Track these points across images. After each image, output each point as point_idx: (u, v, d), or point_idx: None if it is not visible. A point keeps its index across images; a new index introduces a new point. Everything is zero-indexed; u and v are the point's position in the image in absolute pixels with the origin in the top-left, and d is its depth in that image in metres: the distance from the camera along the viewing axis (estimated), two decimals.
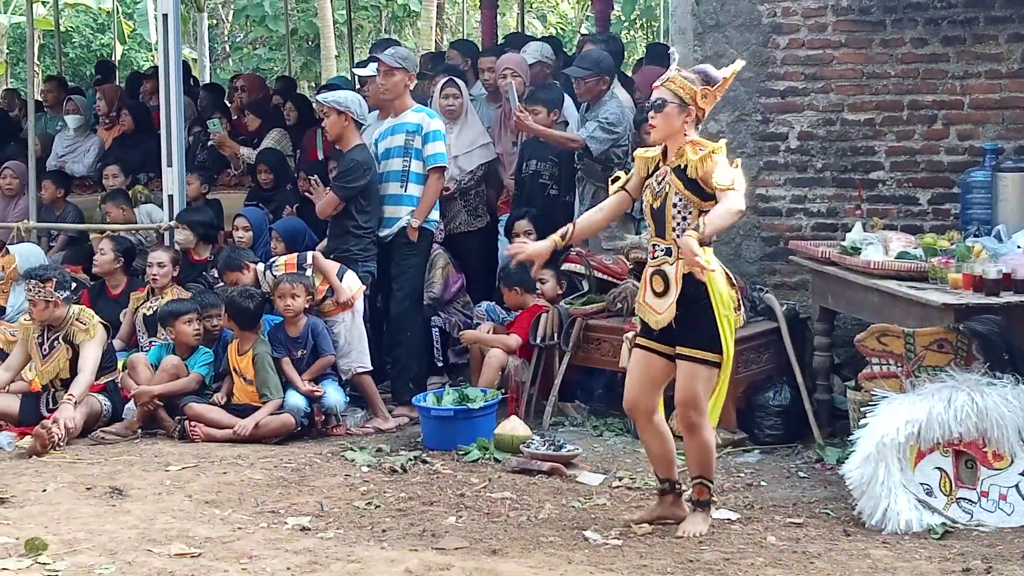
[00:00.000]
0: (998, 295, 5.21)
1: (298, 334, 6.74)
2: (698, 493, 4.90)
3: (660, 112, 4.78)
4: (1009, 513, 4.94)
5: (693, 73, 4.84)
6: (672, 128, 4.79)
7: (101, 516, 5.02)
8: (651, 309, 4.82)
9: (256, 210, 8.08)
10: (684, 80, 4.78)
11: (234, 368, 6.71)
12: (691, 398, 4.74)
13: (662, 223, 4.78)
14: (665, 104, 4.77)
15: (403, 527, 4.95)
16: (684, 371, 4.76)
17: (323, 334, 6.76)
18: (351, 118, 7.01)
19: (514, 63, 7.78)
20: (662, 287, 4.77)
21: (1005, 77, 6.63)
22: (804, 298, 6.72)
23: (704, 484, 4.87)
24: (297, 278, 6.77)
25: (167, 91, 7.83)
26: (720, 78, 4.81)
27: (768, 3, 6.92)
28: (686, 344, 4.74)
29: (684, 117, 4.77)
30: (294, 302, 6.70)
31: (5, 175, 9.49)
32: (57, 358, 6.61)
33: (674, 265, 4.73)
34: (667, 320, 4.75)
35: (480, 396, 6.46)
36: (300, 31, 23.13)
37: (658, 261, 4.80)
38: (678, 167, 4.74)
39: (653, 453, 5.00)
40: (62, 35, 18.18)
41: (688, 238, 4.49)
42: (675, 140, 4.80)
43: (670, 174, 4.76)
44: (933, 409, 4.95)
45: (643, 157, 4.94)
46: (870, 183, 6.80)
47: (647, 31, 24.09)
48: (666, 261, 4.77)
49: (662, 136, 4.83)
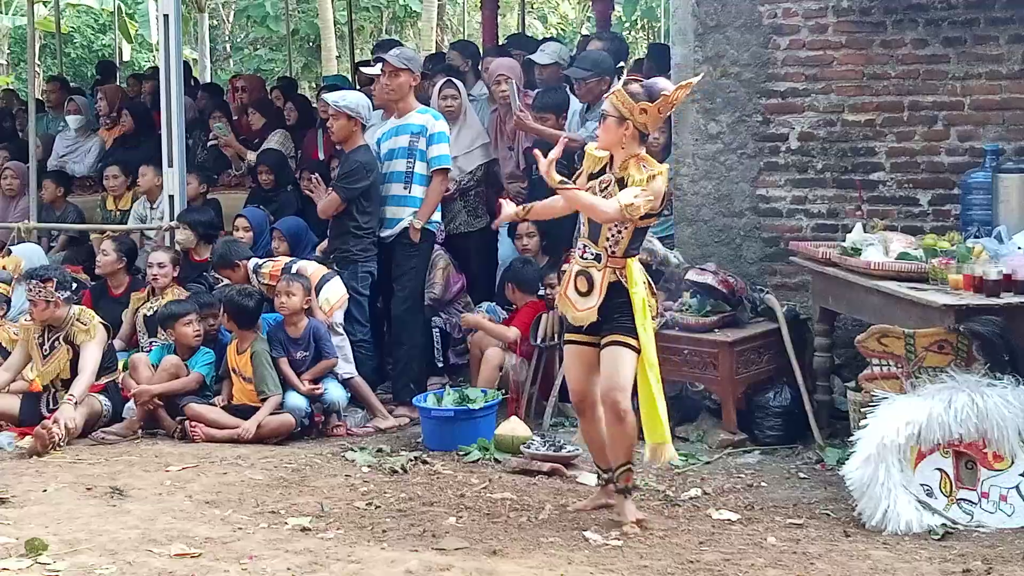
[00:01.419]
0: (998, 296, 5.20)
1: (299, 335, 6.74)
2: (626, 480, 4.98)
3: (603, 123, 4.94)
4: (1009, 514, 4.94)
5: (641, 87, 4.92)
6: (612, 140, 4.92)
7: (101, 516, 5.02)
8: (571, 305, 4.97)
9: (256, 210, 8.08)
10: (625, 95, 4.87)
11: (233, 368, 6.71)
12: (619, 382, 4.85)
13: (597, 229, 4.91)
14: (606, 117, 4.92)
15: (403, 527, 4.95)
16: (608, 355, 4.89)
17: (325, 337, 6.76)
18: (360, 123, 7.04)
19: (506, 67, 7.79)
20: (586, 288, 4.92)
21: (1005, 78, 6.63)
22: (804, 299, 6.72)
23: (631, 469, 4.98)
24: (295, 277, 6.78)
25: (168, 91, 7.83)
26: (662, 93, 4.85)
27: (769, 4, 6.92)
28: (610, 332, 4.88)
29: (622, 131, 4.88)
30: (289, 300, 6.70)
31: (6, 175, 9.50)
32: (58, 358, 6.62)
33: (601, 272, 4.89)
34: (586, 320, 4.92)
35: (480, 397, 6.47)
36: (301, 32, 23.14)
37: (586, 263, 4.95)
38: (621, 179, 4.87)
39: (597, 444, 5.11)
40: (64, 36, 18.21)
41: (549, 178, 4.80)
42: (618, 152, 4.92)
43: (614, 185, 4.89)
44: (933, 410, 4.96)
45: (592, 156, 5.04)
46: (870, 184, 6.80)
47: (648, 32, 24.09)
48: (594, 266, 4.92)
49: (605, 146, 4.99)
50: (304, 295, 6.75)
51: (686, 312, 6.34)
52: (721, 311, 6.32)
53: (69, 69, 21.45)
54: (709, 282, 6.34)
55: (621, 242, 4.87)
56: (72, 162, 10.06)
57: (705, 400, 6.53)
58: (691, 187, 7.06)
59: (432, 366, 7.40)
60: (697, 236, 7.05)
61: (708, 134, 7.03)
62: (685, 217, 7.08)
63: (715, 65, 6.99)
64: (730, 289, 6.35)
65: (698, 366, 6.23)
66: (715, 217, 7.04)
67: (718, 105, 7.01)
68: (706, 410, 6.48)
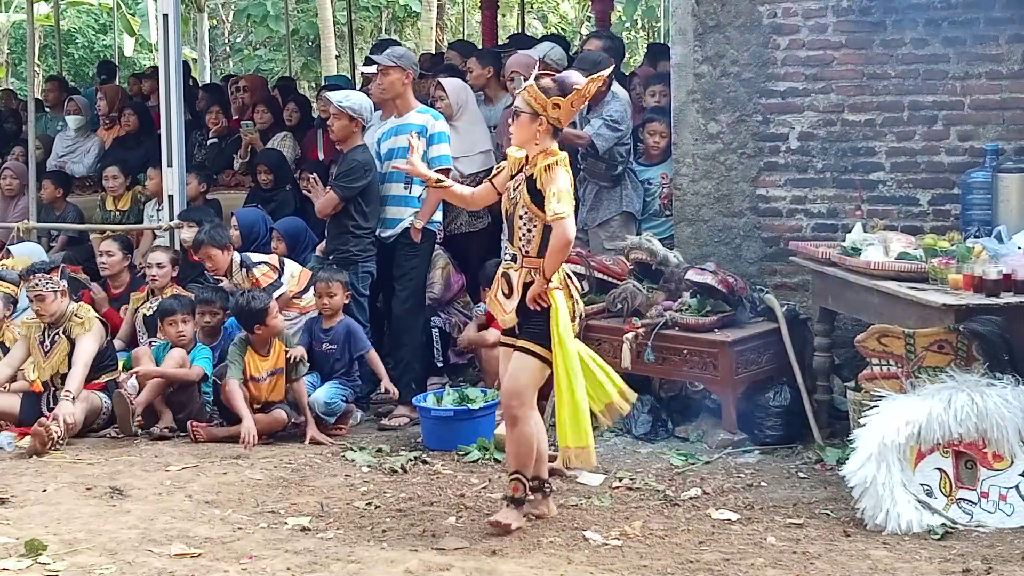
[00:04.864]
0: (998, 296, 5.20)
1: (331, 327, 6.78)
2: (513, 489, 4.92)
3: (516, 120, 4.92)
4: (1009, 514, 4.93)
5: (553, 82, 4.91)
6: (525, 136, 4.91)
7: (101, 516, 5.02)
8: (500, 307, 5.00)
9: (250, 211, 8.06)
10: (537, 91, 4.86)
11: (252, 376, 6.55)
12: (517, 388, 4.85)
13: (511, 229, 4.97)
14: (519, 113, 4.90)
15: (403, 527, 4.95)
16: (514, 361, 4.91)
17: (357, 332, 6.80)
18: (361, 123, 7.04)
19: (517, 64, 7.78)
20: (507, 290, 4.95)
21: (1005, 78, 6.62)
22: (804, 299, 6.72)
23: (520, 480, 4.91)
24: (334, 274, 6.80)
25: (167, 91, 7.84)
26: (574, 87, 4.85)
27: (769, 3, 6.91)
28: (521, 336, 4.91)
29: (536, 127, 4.87)
30: (331, 300, 6.77)
31: (5, 175, 9.50)
32: (57, 353, 6.62)
33: (518, 272, 4.91)
34: (513, 321, 4.94)
35: (480, 396, 6.46)
36: (301, 32, 23.14)
37: (506, 265, 5.00)
38: (530, 176, 4.87)
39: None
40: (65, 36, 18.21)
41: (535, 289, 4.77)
42: (530, 148, 4.92)
43: (523, 183, 4.90)
44: (933, 410, 4.95)
45: (513, 157, 5.05)
46: (870, 184, 6.80)
47: (648, 32, 24.10)
48: (512, 267, 4.95)
49: (518, 143, 4.97)
50: (344, 293, 6.79)
51: (686, 312, 6.34)
52: (721, 311, 6.31)
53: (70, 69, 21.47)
54: (709, 282, 6.33)
55: (533, 240, 4.86)
56: (71, 162, 10.06)
57: (705, 400, 6.53)
58: (691, 187, 7.06)
59: (432, 366, 7.40)
60: (697, 236, 7.05)
61: (708, 134, 7.03)
62: (685, 217, 7.08)
63: (715, 65, 6.99)
64: (730, 289, 6.35)
65: (698, 366, 6.23)
66: (715, 217, 7.04)
67: (718, 105, 7.01)
68: (706, 410, 6.48)
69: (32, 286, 6.62)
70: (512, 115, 4.96)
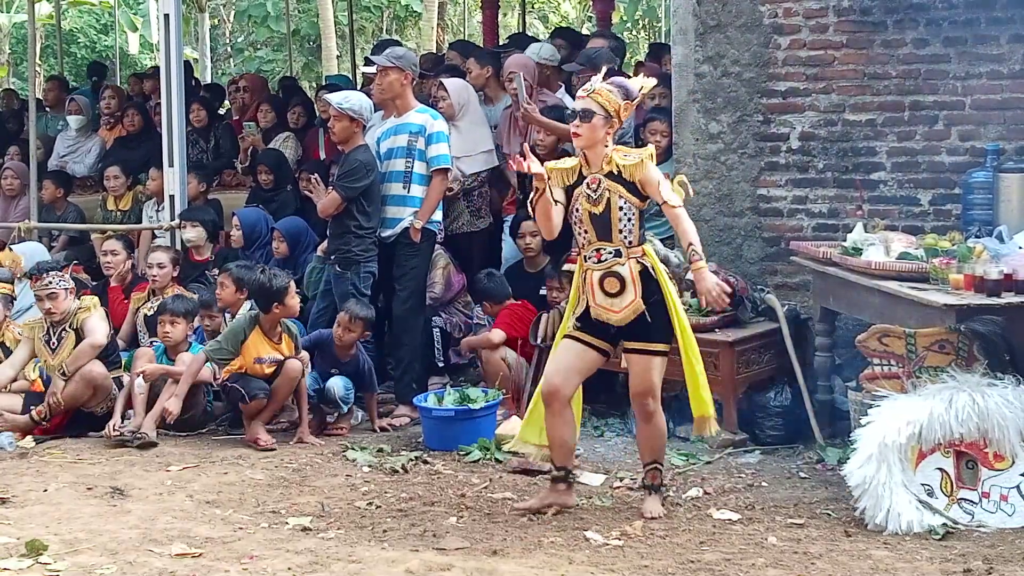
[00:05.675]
0: (999, 296, 5.20)
1: (345, 359, 6.74)
2: (652, 478, 5.17)
3: (587, 122, 4.99)
4: (1010, 514, 4.93)
5: (614, 87, 5.03)
6: (596, 138, 5.00)
7: (102, 516, 5.02)
8: (607, 310, 5.03)
9: (251, 211, 8.06)
10: (610, 94, 4.99)
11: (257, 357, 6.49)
12: (648, 388, 5.04)
13: (607, 227, 5.01)
14: (592, 115, 4.97)
15: (404, 527, 4.95)
16: (639, 364, 5.05)
17: (369, 373, 6.78)
18: (362, 124, 7.04)
19: (515, 64, 7.78)
20: (617, 288, 5.02)
21: (1006, 78, 6.62)
22: (805, 299, 6.72)
23: (658, 468, 5.17)
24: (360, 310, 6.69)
25: (168, 91, 7.84)
26: (637, 94, 5.07)
27: (770, 3, 6.91)
28: (638, 339, 5.02)
29: (607, 128, 4.99)
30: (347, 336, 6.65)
31: (6, 175, 9.50)
32: (66, 347, 6.62)
33: (626, 265, 5.00)
34: (628, 318, 5.02)
35: (481, 396, 6.46)
36: (302, 32, 23.14)
37: (608, 263, 5.02)
38: (611, 173, 4.98)
39: (557, 440, 5.15)
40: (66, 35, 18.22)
41: (702, 273, 5.00)
42: (597, 149, 5.01)
43: (606, 180, 4.99)
44: (934, 410, 4.95)
45: (561, 169, 5.11)
46: (871, 184, 6.80)
47: (649, 32, 24.10)
48: (617, 263, 5.01)
49: (586, 144, 5.03)
50: (363, 330, 6.72)
51: (686, 312, 6.32)
52: (722, 311, 6.31)
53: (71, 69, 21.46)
54: None
55: (634, 231, 5.00)
56: (72, 162, 10.05)
57: None
58: (692, 187, 7.04)
59: (432, 366, 7.40)
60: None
61: (709, 134, 7.03)
62: None
63: (716, 64, 6.99)
64: (731, 289, 6.34)
65: None
66: (716, 217, 7.03)
67: (719, 105, 7.00)
68: None
69: (44, 285, 6.60)
70: (576, 117, 5.01)
